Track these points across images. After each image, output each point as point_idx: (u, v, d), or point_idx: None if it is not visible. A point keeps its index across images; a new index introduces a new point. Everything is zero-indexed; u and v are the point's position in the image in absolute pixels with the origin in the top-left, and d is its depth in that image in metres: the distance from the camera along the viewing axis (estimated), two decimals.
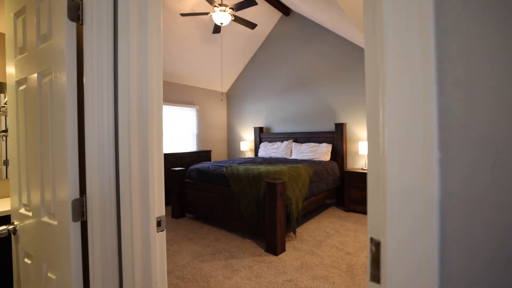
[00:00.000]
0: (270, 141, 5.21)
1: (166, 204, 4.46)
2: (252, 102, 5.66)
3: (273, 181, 2.56)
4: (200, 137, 5.54)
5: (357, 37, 3.76)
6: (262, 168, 3.12)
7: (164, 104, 4.70)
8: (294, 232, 2.77)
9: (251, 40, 5.15)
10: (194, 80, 5.26)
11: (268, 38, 5.31)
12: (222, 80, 5.68)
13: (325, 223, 3.42)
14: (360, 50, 4.10)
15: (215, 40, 4.62)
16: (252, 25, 3.75)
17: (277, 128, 5.23)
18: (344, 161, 4.20)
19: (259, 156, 5.10)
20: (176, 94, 5.03)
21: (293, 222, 2.76)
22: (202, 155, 5.02)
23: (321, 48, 4.53)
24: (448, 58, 0.38)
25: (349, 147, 4.28)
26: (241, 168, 3.18)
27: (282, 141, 4.99)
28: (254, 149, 5.52)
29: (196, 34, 4.30)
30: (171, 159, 4.42)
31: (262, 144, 5.15)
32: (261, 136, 5.35)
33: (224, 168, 3.29)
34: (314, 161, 4.09)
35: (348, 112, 4.27)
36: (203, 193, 3.41)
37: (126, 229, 0.88)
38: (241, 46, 5.14)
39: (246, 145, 5.52)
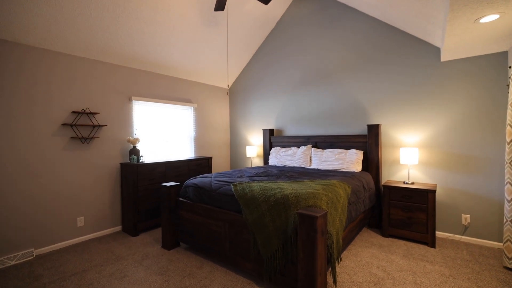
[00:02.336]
0: (282, 146, 4.35)
1: (156, 225, 3.57)
2: (261, 99, 4.79)
3: (310, 213, 1.71)
4: (198, 141, 4.67)
5: (398, 15, 2.93)
6: (286, 186, 2.26)
7: (154, 101, 3.83)
8: (335, 281, 1.91)
9: (260, 24, 4.30)
10: (191, 73, 4.39)
11: (281, 22, 4.45)
12: (228, 72, 4.81)
13: (365, 257, 2.57)
14: (399, 33, 3.26)
15: (217, 22, 3.76)
16: None
17: (291, 131, 4.37)
18: (380, 172, 3.35)
19: (270, 164, 4.23)
20: (169, 89, 4.15)
21: (333, 268, 1.90)
22: (201, 163, 4.15)
23: (347, 34, 3.70)
24: None
25: (385, 155, 3.44)
26: (256, 186, 2.31)
27: (298, 146, 4.14)
28: (263, 156, 4.66)
29: (193, 14, 3.44)
30: (162, 169, 3.54)
31: (273, 150, 4.29)
32: (272, 140, 4.49)
33: (232, 186, 2.43)
34: (343, 172, 3.24)
35: (382, 111, 3.44)
36: (203, 218, 2.55)
37: None
38: (248, 31, 4.28)
39: (253, 150, 4.66)
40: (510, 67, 2.36)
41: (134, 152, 3.41)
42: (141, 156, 3.46)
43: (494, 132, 2.75)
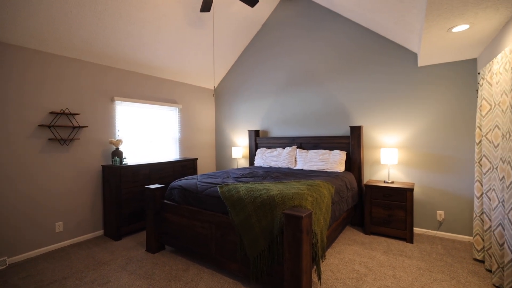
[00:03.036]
0: (268, 147, 4.40)
1: (140, 229, 3.50)
2: (247, 101, 4.81)
3: (296, 213, 1.75)
4: (183, 142, 4.61)
5: (379, 22, 3.06)
6: (271, 187, 2.30)
7: (137, 102, 3.74)
8: (320, 279, 1.97)
9: (246, 26, 4.32)
10: (176, 73, 4.33)
11: (266, 24, 4.50)
12: (214, 73, 4.78)
13: (348, 254, 2.66)
14: (381, 38, 3.41)
15: (203, 23, 3.74)
16: (252, 1, 2.92)
17: (277, 132, 4.43)
18: (362, 172, 3.48)
19: (256, 165, 4.26)
20: (153, 89, 4.08)
21: (318, 266, 1.96)
22: (186, 164, 4.11)
23: (330, 38, 3.80)
24: None
25: (367, 155, 3.57)
26: (243, 187, 2.33)
27: (284, 147, 4.20)
28: (249, 157, 4.68)
29: (179, 14, 3.40)
30: (146, 171, 3.47)
31: (259, 151, 4.33)
32: (258, 141, 4.53)
33: (218, 188, 2.43)
34: (327, 172, 3.33)
35: (364, 113, 3.57)
36: (189, 220, 2.53)
37: None
38: (234, 33, 4.29)
39: (239, 151, 4.67)
40: (479, 73, 2.54)
41: (117, 154, 3.32)
42: (124, 158, 3.38)
43: (465, 133, 2.94)
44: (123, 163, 3.34)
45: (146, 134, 3.96)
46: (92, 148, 3.27)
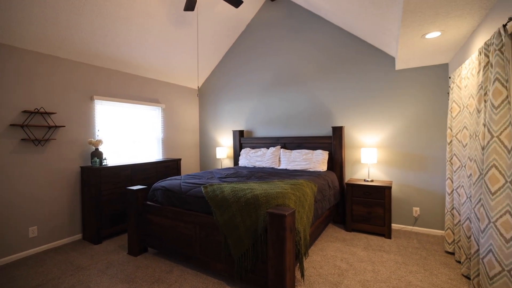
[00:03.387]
0: (252, 147, 4.42)
1: (121, 231, 3.40)
2: (231, 101, 4.81)
3: (279, 211, 1.78)
4: (166, 142, 4.53)
5: (359, 26, 3.18)
6: (256, 187, 2.32)
7: (118, 101, 3.63)
8: (303, 276, 2.02)
9: (230, 26, 4.32)
10: (159, 73, 4.25)
11: (251, 25, 4.52)
12: (198, 73, 4.73)
13: (330, 251, 2.74)
14: (361, 42, 3.53)
15: (187, 22, 3.70)
16: (236, 2, 2.94)
17: (261, 132, 4.47)
18: (343, 171, 3.59)
19: (240, 165, 4.27)
20: (135, 88, 3.98)
21: (301, 263, 2.01)
22: (170, 165, 4.04)
23: (313, 40, 3.89)
24: None
25: (348, 155, 3.69)
26: (227, 188, 2.34)
27: (268, 147, 4.24)
28: (233, 157, 4.68)
29: (162, 12, 3.35)
30: (128, 172, 3.38)
31: (243, 151, 4.34)
32: (242, 141, 4.54)
33: (202, 188, 2.42)
34: (310, 171, 3.41)
35: (345, 114, 3.68)
36: (173, 221, 2.50)
37: None
38: (218, 33, 4.28)
39: (223, 151, 4.66)
40: (450, 78, 2.71)
41: (97, 154, 3.20)
42: (105, 159, 3.27)
43: (438, 134, 3.12)
44: (103, 164, 3.24)
45: (127, 135, 3.85)
46: (69, 149, 3.13)
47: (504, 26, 1.52)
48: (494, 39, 1.59)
